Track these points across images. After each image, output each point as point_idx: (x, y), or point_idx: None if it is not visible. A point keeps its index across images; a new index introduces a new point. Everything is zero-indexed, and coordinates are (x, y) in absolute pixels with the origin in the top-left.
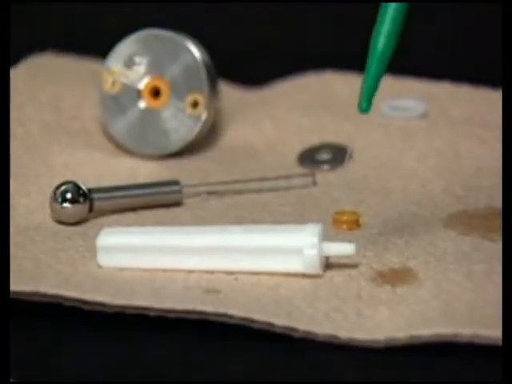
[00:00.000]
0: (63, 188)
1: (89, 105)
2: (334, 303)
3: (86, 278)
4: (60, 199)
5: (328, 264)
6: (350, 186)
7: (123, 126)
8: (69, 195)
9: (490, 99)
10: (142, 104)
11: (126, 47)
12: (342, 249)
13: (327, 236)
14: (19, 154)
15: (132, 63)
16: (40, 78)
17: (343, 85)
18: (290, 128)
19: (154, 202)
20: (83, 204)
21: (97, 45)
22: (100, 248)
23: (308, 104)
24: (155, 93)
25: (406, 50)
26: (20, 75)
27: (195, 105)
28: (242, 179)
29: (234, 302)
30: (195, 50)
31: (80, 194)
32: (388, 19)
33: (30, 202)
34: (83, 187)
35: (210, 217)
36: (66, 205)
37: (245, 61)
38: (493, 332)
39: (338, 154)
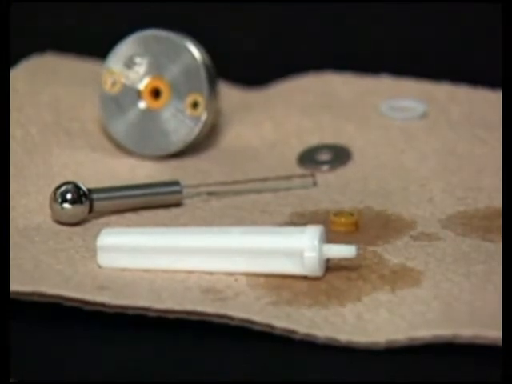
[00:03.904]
0: (63, 188)
1: (89, 105)
2: (334, 306)
3: (86, 279)
4: (60, 200)
5: (328, 266)
6: (350, 187)
7: (123, 127)
8: (69, 196)
9: (490, 99)
10: (142, 104)
11: (126, 48)
12: (342, 251)
13: (327, 238)
14: (19, 154)
15: (132, 64)
16: (40, 79)
17: (343, 85)
18: (290, 128)
19: (154, 202)
20: (83, 204)
21: (97, 45)
22: (100, 248)
23: (308, 104)
24: (155, 93)
25: (405, 50)
26: (20, 76)
27: (195, 105)
28: (242, 180)
29: (234, 303)
30: (195, 51)
31: (80, 195)
32: None
33: (29, 203)
34: (83, 188)
35: (210, 217)
36: (66, 205)
37: (245, 61)
38: (493, 332)
39: (338, 155)
